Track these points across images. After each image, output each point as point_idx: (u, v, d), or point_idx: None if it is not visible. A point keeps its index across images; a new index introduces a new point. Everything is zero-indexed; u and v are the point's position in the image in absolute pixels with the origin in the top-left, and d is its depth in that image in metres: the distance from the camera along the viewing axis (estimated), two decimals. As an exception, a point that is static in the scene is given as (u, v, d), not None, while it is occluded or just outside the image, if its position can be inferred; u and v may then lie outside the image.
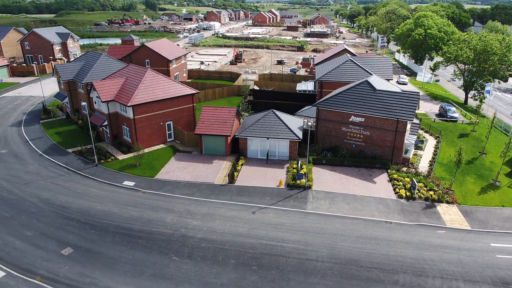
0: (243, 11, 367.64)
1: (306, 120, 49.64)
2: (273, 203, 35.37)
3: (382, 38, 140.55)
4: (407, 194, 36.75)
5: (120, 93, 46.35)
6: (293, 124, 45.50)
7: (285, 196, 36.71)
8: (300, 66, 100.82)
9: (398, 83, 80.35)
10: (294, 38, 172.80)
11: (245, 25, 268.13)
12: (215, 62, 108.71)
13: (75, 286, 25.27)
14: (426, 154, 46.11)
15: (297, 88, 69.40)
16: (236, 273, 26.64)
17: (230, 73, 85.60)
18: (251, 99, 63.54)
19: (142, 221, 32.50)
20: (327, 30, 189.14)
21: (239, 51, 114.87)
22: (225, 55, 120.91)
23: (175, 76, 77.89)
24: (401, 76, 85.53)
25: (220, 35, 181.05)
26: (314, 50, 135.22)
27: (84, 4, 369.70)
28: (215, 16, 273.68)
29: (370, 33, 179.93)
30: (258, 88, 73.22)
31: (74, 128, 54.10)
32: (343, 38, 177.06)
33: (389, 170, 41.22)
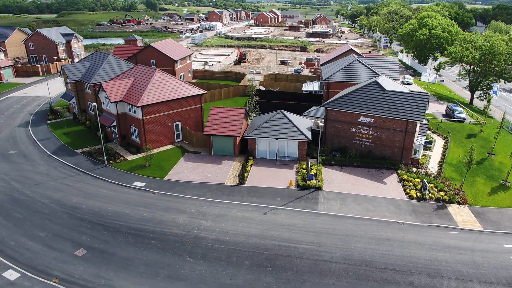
0: (244, 11, 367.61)
1: (314, 120, 49.61)
2: (284, 204, 35.38)
3: (385, 38, 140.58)
4: (418, 195, 36.73)
5: (128, 93, 46.35)
6: (301, 124, 45.48)
7: (296, 196, 36.71)
8: (304, 66, 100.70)
9: (403, 83, 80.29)
10: (296, 38, 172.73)
11: (247, 25, 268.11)
12: (219, 62, 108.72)
13: (91, 287, 25.31)
14: (434, 155, 46.08)
15: (303, 88, 69.33)
16: (251, 274, 26.64)
17: (235, 73, 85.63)
18: (258, 100, 63.53)
19: (155, 222, 32.51)
20: (329, 30, 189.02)
21: (243, 51, 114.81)
22: (228, 55, 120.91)
23: (181, 76, 77.87)
24: (405, 76, 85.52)
25: (222, 35, 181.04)
26: (317, 50, 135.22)
27: (84, 4, 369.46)
28: (217, 16, 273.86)
29: (372, 33, 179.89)
30: (264, 88, 73.20)
31: (81, 128, 54.11)
32: (345, 38, 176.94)
33: (398, 171, 41.19)
